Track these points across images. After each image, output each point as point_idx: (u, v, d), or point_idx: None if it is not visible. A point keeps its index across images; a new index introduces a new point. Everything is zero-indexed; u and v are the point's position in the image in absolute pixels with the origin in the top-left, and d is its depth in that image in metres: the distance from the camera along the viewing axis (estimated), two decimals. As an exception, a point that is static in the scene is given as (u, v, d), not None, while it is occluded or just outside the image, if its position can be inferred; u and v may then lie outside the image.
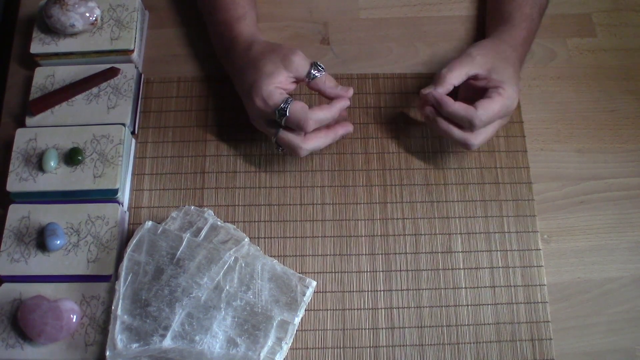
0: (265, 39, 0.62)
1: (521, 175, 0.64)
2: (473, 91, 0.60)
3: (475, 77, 0.59)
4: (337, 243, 0.62)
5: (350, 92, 0.59)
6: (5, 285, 0.58)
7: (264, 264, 0.57)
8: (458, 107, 0.56)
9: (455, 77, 0.58)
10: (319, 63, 0.59)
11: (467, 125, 0.57)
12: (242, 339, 0.54)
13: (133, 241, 0.56)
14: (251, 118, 0.61)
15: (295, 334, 0.57)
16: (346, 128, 0.61)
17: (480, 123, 0.56)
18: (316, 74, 0.58)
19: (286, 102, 0.56)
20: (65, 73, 0.65)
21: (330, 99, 0.60)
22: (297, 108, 0.56)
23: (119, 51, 0.66)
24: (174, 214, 0.59)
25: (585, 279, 0.61)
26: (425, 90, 0.58)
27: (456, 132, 0.58)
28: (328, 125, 0.60)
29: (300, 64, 0.58)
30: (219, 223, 0.59)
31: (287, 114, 0.56)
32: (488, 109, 0.56)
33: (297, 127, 0.57)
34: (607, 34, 0.71)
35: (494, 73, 0.58)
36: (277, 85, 0.57)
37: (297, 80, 0.59)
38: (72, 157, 0.60)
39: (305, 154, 0.59)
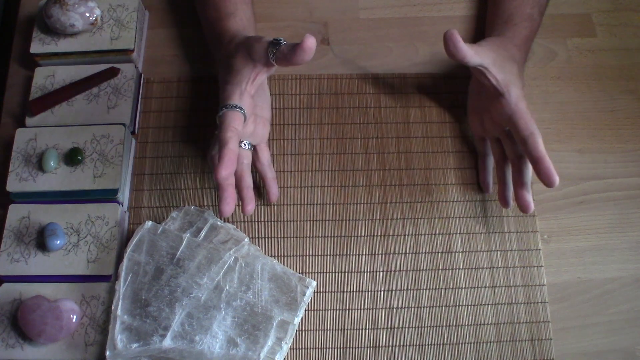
0: (251, 35, 0.59)
1: (521, 175, 0.64)
2: (482, 98, 0.61)
3: (482, 72, 0.57)
4: (337, 243, 0.62)
5: (309, 42, 0.51)
6: (5, 285, 0.58)
7: (264, 264, 0.57)
8: (543, 149, 0.55)
9: (472, 54, 0.55)
10: (274, 39, 0.53)
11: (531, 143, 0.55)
12: (242, 339, 0.54)
13: (133, 241, 0.57)
14: None
15: (295, 334, 0.57)
16: (224, 204, 0.52)
17: (535, 128, 0.55)
18: (275, 51, 0.53)
19: (233, 106, 0.53)
20: (65, 73, 0.65)
21: (297, 64, 0.53)
22: (230, 115, 0.53)
23: (119, 51, 0.66)
24: (174, 214, 0.59)
25: (585, 279, 0.61)
26: (455, 35, 0.53)
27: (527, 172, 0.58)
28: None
29: (261, 49, 0.54)
30: (219, 223, 0.59)
31: (221, 114, 0.53)
32: (526, 118, 0.56)
33: (219, 127, 0.53)
34: (607, 34, 0.71)
35: (502, 72, 0.57)
36: (244, 86, 0.55)
37: (265, 65, 0.55)
38: (72, 157, 0.60)
39: (209, 159, 0.59)
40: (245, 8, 0.63)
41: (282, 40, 0.53)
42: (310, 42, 0.51)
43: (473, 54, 0.55)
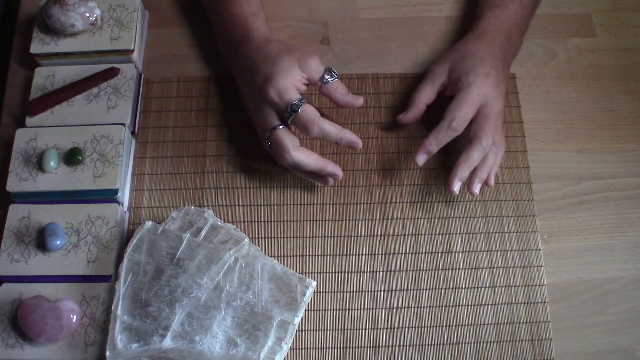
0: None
1: (521, 175, 0.64)
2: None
3: (444, 89, 0.62)
4: (337, 243, 0.62)
5: (360, 101, 0.60)
6: (5, 285, 0.58)
7: (264, 264, 0.57)
8: (435, 132, 0.58)
9: (424, 96, 0.62)
10: (333, 69, 0.60)
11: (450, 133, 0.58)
12: (242, 339, 0.54)
13: (133, 241, 0.56)
14: (254, 109, 0.60)
15: (295, 334, 0.57)
16: (337, 169, 0.60)
17: (460, 121, 0.57)
18: (329, 79, 0.59)
19: (301, 100, 0.57)
20: (65, 73, 0.65)
21: (339, 106, 0.61)
22: (309, 109, 0.57)
23: (119, 51, 0.66)
24: (174, 214, 0.59)
25: (585, 279, 0.61)
26: (401, 116, 0.63)
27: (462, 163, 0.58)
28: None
29: (316, 67, 0.59)
30: (219, 223, 0.59)
31: (299, 112, 0.56)
32: (453, 106, 0.58)
33: (302, 128, 0.57)
34: (607, 34, 0.71)
35: (453, 73, 0.61)
36: (292, 82, 0.58)
37: (309, 83, 0.60)
38: (72, 157, 0.60)
39: (289, 162, 0.58)
40: (262, 11, 0.65)
41: (336, 74, 0.60)
42: (361, 102, 0.60)
43: (428, 97, 0.62)
